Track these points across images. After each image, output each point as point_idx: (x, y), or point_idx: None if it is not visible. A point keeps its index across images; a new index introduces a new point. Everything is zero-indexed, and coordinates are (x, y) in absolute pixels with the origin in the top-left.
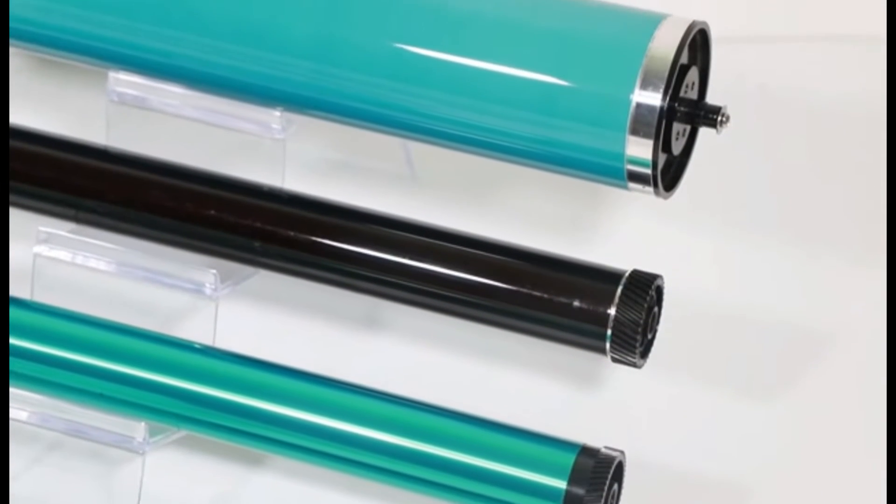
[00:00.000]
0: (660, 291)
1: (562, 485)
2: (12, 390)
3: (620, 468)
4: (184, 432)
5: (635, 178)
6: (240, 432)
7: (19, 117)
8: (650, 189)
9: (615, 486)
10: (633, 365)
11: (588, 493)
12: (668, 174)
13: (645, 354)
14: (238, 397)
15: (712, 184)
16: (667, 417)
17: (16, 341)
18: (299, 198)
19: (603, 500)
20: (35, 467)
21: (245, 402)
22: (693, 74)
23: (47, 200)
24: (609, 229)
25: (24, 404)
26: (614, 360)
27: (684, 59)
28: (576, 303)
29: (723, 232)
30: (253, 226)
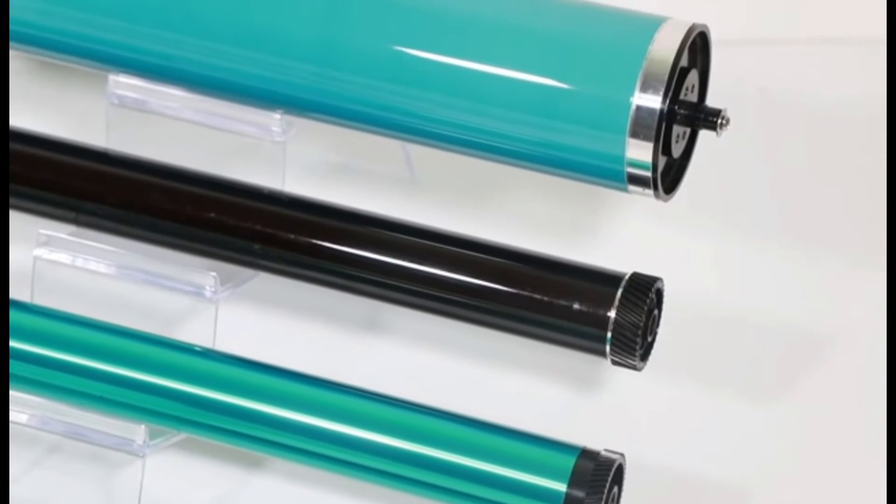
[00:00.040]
0: (660, 294)
1: (562, 487)
2: (12, 393)
3: (620, 471)
4: (184, 435)
5: (635, 180)
6: (240, 435)
7: (19, 120)
8: (650, 192)
9: (615, 489)
10: (634, 367)
11: (588, 496)
12: (667, 177)
13: (645, 357)
14: (238, 400)
15: (712, 186)
16: (667, 420)
17: (16, 344)
18: (299, 200)
19: (603, 502)
20: (35, 470)
21: (245, 404)
22: (693, 77)
23: (47, 203)
24: (609, 232)
25: (24, 407)
26: (614, 362)
27: (684, 61)
28: (576, 305)
29: (723, 234)
30: (253, 228)
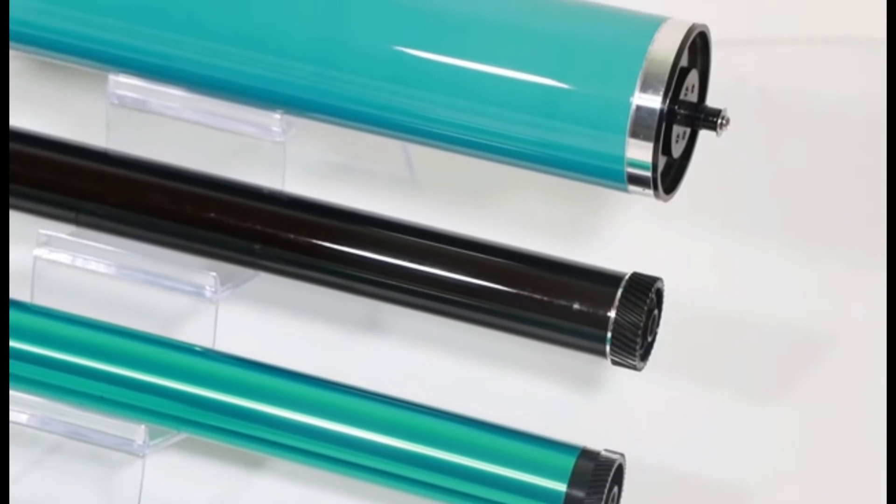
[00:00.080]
0: (660, 294)
1: (562, 487)
2: (12, 393)
3: (620, 471)
4: (184, 435)
5: (635, 180)
6: (240, 435)
7: (19, 120)
8: (650, 192)
9: (615, 489)
10: (634, 367)
11: (588, 496)
12: (667, 177)
13: (645, 357)
14: (238, 400)
15: (712, 186)
16: (667, 420)
17: (16, 344)
18: (299, 200)
19: (603, 502)
20: (35, 470)
21: (245, 404)
22: (693, 77)
23: (47, 203)
24: (609, 232)
25: (24, 407)
26: (614, 362)
27: (684, 61)
28: (576, 305)
29: (723, 234)
30: (253, 228)
